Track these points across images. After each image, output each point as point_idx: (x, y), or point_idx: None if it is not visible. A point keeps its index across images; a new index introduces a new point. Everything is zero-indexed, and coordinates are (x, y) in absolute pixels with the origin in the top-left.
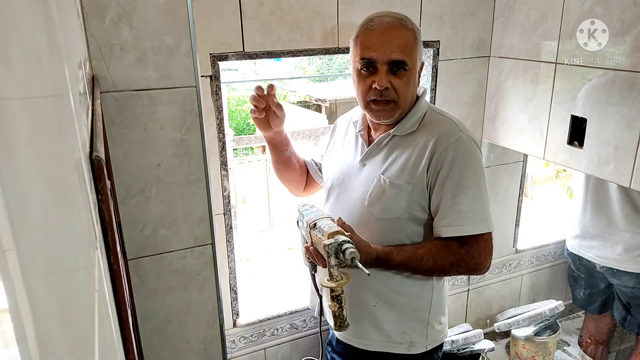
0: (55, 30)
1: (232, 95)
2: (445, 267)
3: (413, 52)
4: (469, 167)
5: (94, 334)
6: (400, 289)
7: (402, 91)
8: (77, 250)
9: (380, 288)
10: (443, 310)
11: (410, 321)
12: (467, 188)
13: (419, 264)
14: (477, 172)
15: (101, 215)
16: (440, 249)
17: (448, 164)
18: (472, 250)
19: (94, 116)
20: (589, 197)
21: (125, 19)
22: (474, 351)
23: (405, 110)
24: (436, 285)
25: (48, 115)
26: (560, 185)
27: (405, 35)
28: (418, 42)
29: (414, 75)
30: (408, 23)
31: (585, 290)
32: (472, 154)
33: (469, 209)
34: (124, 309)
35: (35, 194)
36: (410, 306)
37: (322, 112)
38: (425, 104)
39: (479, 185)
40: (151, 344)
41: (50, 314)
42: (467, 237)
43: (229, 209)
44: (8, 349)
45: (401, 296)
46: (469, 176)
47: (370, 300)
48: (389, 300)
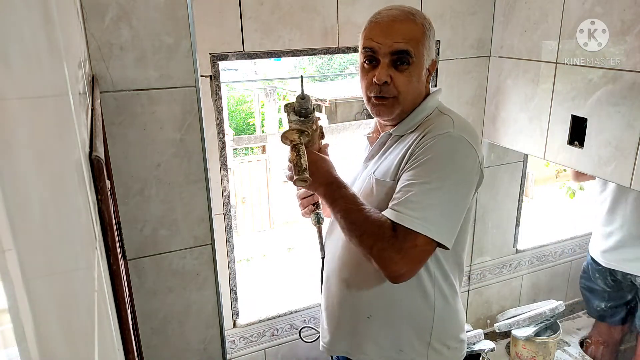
0: (55, 30)
1: (232, 95)
2: (365, 237)
3: (419, 46)
4: (440, 163)
5: (93, 334)
6: (394, 303)
7: (403, 87)
8: (76, 250)
9: (373, 300)
10: (453, 335)
11: (408, 339)
12: (428, 183)
13: (353, 213)
14: (448, 173)
15: (101, 215)
16: (377, 219)
17: (421, 151)
18: (395, 242)
19: (93, 116)
20: (627, 209)
21: (125, 19)
22: (475, 351)
23: (408, 108)
24: (439, 305)
25: (48, 115)
26: (560, 185)
27: (411, 27)
28: (427, 37)
29: (418, 70)
30: (418, 17)
31: (609, 302)
32: (453, 152)
33: (417, 200)
34: (124, 309)
35: (35, 194)
36: (409, 323)
37: (322, 112)
38: (434, 104)
39: (444, 186)
40: (151, 344)
41: (50, 314)
42: (401, 228)
43: (228, 209)
44: (8, 349)
45: (396, 311)
46: (436, 172)
47: (365, 311)
48: (384, 314)
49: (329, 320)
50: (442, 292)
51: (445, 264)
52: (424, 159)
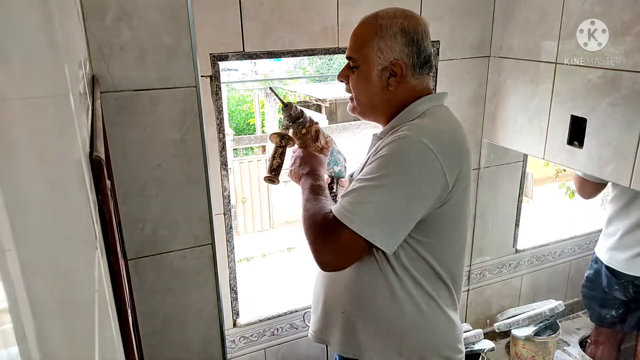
0: (55, 30)
1: (232, 95)
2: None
3: (364, 48)
4: (387, 163)
5: (94, 334)
6: (362, 301)
7: (354, 88)
8: (77, 250)
9: (345, 296)
10: (434, 348)
11: (378, 341)
12: (370, 180)
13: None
14: (393, 173)
15: (101, 215)
16: (324, 209)
17: (379, 151)
18: (324, 231)
19: (94, 116)
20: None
21: (125, 19)
22: (474, 351)
23: (368, 110)
24: (410, 312)
25: (48, 115)
26: (559, 185)
27: (362, 30)
28: (379, 37)
29: (366, 72)
30: (379, 19)
31: (619, 309)
32: (403, 153)
33: (355, 195)
34: (124, 309)
35: (35, 194)
36: (378, 324)
37: (322, 112)
38: (423, 108)
39: (386, 184)
40: (151, 344)
41: (50, 314)
42: (333, 218)
43: (229, 209)
44: (8, 349)
45: (365, 309)
46: (380, 171)
47: (339, 306)
48: (356, 311)
49: (314, 309)
50: (413, 299)
51: (414, 271)
52: (377, 158)
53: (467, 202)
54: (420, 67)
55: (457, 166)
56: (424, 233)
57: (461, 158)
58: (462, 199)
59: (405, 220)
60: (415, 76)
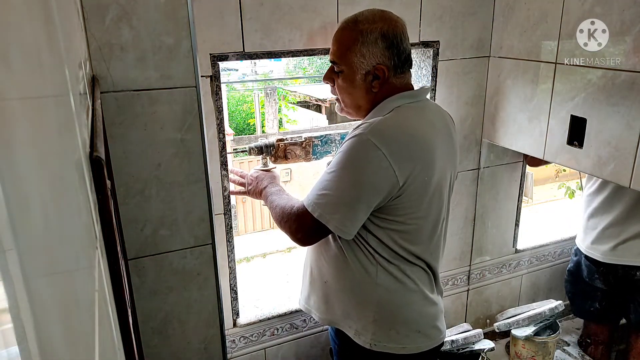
0: (55, 31)
1: (232, 95)
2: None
3: (347, 53)
4: (339, 159)
5: (94, 334)
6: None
7: (340, 92)
8: (77, 249)
9: (325, 267)
10: (406, 322)
11: (354, 309)
12: (327, 173)
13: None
14: (340, 168)
15: (101, 215)
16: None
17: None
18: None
19: (94, 116)
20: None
21: (125, 19)
22: (474, 351)
23: (354, 111)
24: (384, 284)
25: (48, 115)
26: (559, 185)
27: (345, 36)
28: (361, 42)
29: (350, 77)
30: (359, 24)
31: (603, 301)
32: (353, 151)
33: (318, 186)
34: (124, 309)
35: (35, 194)
36: (354, 295)
37: (322, 112)
38: (392, 106)
39: (336, 177)
40: (152, 344)
41: (50, 314)
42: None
43: (229, 209)
44: (8, 349)
45: (342, 281)
46: (334, 166)
47: (322, 276)
48: (335, 282)
49: (302, 279)
50: (389, 273)
51: (385, 254)
52: (337, 153)
53: (432, 193)
54: (401, 66)
55: (410, 163)
56: (387, 221)
57: (418, 154)
58: (424, 190)
59: (357, 211)
60: (397, 75)
